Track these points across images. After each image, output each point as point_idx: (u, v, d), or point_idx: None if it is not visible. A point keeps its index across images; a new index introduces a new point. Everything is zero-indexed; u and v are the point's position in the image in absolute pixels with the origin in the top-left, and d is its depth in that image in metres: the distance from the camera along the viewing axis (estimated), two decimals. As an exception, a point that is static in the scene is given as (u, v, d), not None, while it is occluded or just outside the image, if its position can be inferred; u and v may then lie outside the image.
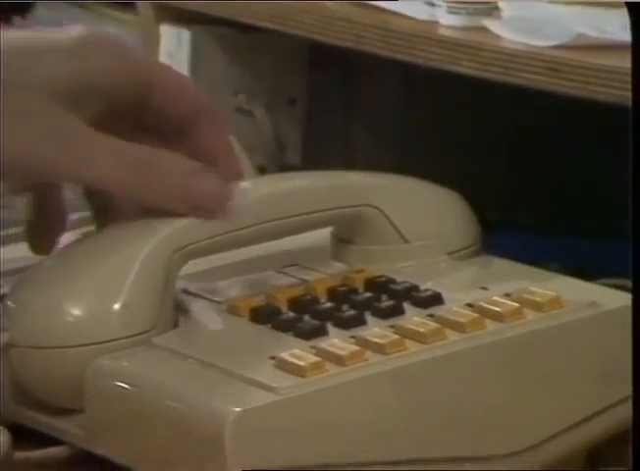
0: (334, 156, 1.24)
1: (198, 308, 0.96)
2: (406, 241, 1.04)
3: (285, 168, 1.18)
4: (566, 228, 1.38)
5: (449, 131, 1.30)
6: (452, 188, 1.06)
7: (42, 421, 0.93)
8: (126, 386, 0.88)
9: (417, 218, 1.06)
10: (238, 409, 0.83)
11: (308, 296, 0.94)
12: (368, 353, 0.86)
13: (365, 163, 1.23)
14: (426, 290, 0.95)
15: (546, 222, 1.40)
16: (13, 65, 1.01)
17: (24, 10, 1.46)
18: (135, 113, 1.03)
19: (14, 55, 1.01)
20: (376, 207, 1.04)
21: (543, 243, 1.37)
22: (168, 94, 1.03)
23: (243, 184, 1.01)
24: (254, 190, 1.04)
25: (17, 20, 1.47)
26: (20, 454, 0.91)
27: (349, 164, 1.23)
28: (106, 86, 1.02)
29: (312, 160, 1.20)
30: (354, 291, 0.94)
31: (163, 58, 1.15)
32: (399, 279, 0.97)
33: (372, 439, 0.87)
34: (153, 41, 1.15)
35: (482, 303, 0.94)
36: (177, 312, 0.95)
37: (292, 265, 1.01)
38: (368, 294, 0.94)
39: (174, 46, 1.14)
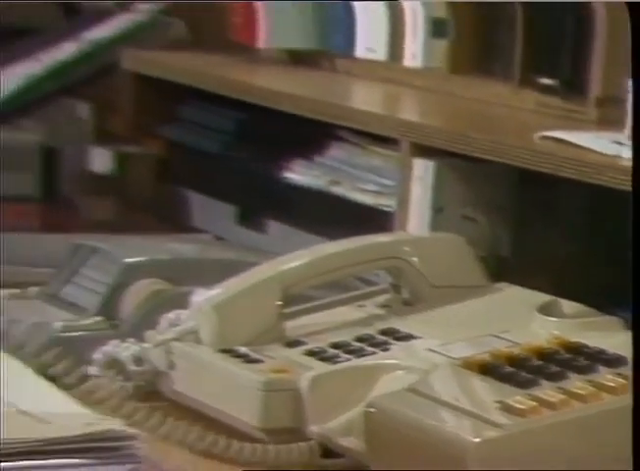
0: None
1: (442, 364, 0.91)
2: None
3: (499, 258, 1.15)
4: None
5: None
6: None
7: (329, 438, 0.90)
8: (399, 423, 0.85)
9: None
10: (476, 440, 0.81)
11: (521, 356, 0.90)
12: (573, 402, 0.83)
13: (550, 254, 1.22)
14: (612, 354, 0.90)
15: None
16: None
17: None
18: None
19: None
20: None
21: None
22: None
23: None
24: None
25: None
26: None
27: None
28: None
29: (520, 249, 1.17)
30: (556, 352, 0.90)
31: (414, 182, 1.13)
32: (590, 343, 0.92)
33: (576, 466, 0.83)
34: (407, 170, 1.14)
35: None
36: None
37: (504, 331, 0.96)
38: (567, 355, 0.90)
39: (422, 174, 1.13)
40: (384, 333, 0.96)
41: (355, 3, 1.35)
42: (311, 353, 0.94)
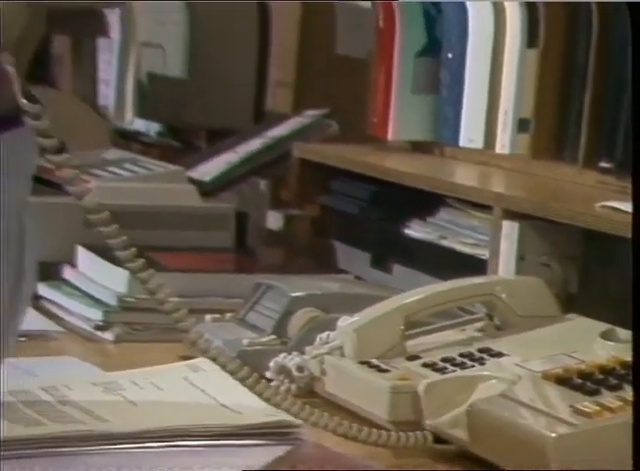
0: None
1: (526, 376, 0.88)
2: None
3: (569, 295, 1.11)
4: None
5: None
6: None
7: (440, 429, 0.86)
8: (493, 420, 0.83)
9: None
10: (553, 435, 0.78)
11: (587, 370, 0.86)
12: (627, 407, 0.79)
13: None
14: None
15: None
16: None
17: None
18: None
19: None
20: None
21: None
22: None
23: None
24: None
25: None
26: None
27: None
28: None
29: (585, 288, 1.14)
30: (614, 369, 0.86)
31: (503, 238, 1.12)
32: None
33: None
34: (498, 229, 1.12)
35: None
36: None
37: (574, 351, 0.91)
38: (623, 371, 0.86)
39: (509, 232, 1.11)
40: (481, 351, 0.94)
41: (465, 101, 1.33)
42: (426, 365, 0.93)
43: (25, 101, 0.75)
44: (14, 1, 0.72)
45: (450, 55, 1.34)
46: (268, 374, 0.96)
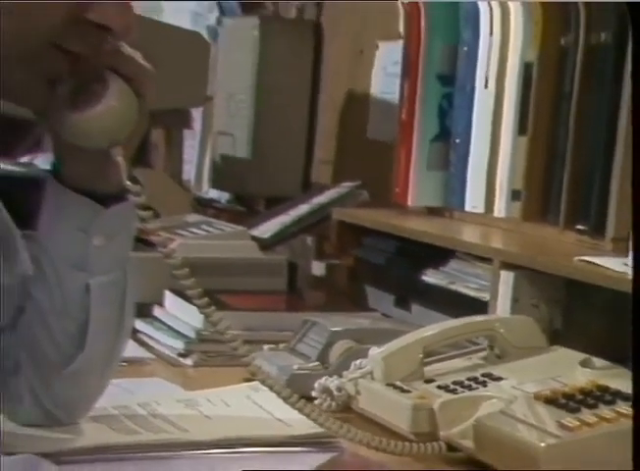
0: None
1: (521, 396, 0.86)
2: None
3: (554, 331, 1.07)
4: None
5: None
6: None
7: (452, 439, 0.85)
8: (495, 432, 0.81)
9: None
10: (542, 444, 0.77)
11: (570, 392, 0.84)
12: (602, 423, 0.78)
13: None
14: (625, 392, 0.83)
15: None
16: None
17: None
18: None
19: None
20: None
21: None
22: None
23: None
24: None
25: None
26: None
27: None
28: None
29: (567, 326, 1.10)
30: (591, 391, 0.84)
31: (500, 284, 1.09)
32: (611, 386, 0.85)
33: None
34: (497, 277, 1.10)
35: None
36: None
37: (558, 376, 0.89)
38: (598, 393, 0.84)
39: (506, 279, 1.09)
40: (484, 375, 0.92)
41: (469, 176, 1.32)
42: (440, 387, 0.91)
43: (129, 183, 0.76)
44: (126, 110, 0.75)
45: (457, 140, 1.33)
46: (313, 393, 0.95)
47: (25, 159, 1.52)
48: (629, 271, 0.98)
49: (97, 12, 0.68)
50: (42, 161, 1.43)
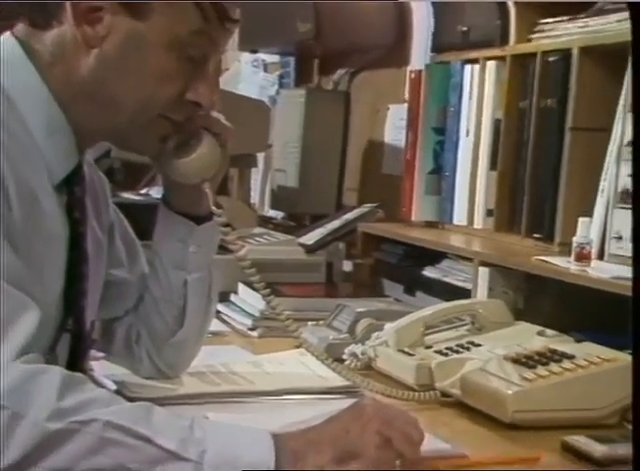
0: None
1: (494, 358, 0.84)
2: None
3: (518, 310, 1.04)
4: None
5: None
6: None
7: (445, 389, 0.84)
8: (475, 384, 0.80)
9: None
10: (510, 392, 0.76)
11: (529, 354, 0.83)
12: (553, 375, 0.77)
13: None
14: (569, 353, 0.82)
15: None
16: None
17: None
18: None
19: None
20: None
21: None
22: None
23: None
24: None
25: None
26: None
27: None
28: None
29: (528, 306, 1.07)
30: (544, 353, 0.83)
31: (479, 277, 1.07)
32: (558, 349, 0.83)
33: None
34: (477, 272, 1.08)
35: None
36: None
37: (522, 343, 0.87)
38: (550, 354, 0.83)
39: (482, 274, 1.07)
40: (468, 343, 0.91)
41: (456, 199, 1.29)
42: (436, 352, 0.90)
43: (214, 208, 0.78)
44: (213, 157, 0.75)
45: (447, 173, 1.33)
46: (344, 356, 0.94)
47: (144, 191, 1.54)
48: (572, 267, 0.98)
49: (193, 93, 0.69)
50: (155, 192, 1.44)
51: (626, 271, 0.87)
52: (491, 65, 1.22)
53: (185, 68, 0.66)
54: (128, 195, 1.36)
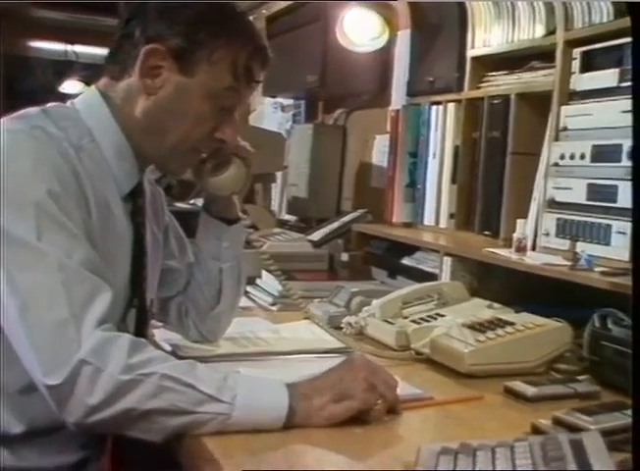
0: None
1: (455, 325, 0.82)
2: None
3: (473, 288, 1.03)
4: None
5: None
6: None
7: (419, 349, 0.83)
8: (441, 345, 0.79)
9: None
10: (466, 350, 0.75)
11: (481, 322, 0.82)
12: (498, 338, 0.76)
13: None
14: (511, 321, 0.81)
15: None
16: None
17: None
18: None
19: None
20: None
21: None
22: None
23: None
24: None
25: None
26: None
27: None
28: None
29: (481, 286, 1.06)
30: (492, 321, 0.82)
31: (444, 264, 1.07)
32: (503, 318, 0.82)
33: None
34: (442, 261, 1.08)
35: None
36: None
37: (475, 313, 0.86)
38: (497, 322, 0.82)
39: (447, 262, 1.07)
40: (436, 314, 0.91)
41: (426, 205, 1.29)
42: (412, 321, 0.90)
43: (241, 213, 0.79)
44: (240, 175, 0.76)
45: (419, 186, 1.32)
46: (342, 325, 0.93)
47: (192, 201, 1.53)
48: (513, 256, 0.97)
49: (221, 133, 0.70)
50: (200, 202, 1.43)
51: (553, 259, 0.88)
52: (451, 106, 1.24)
53: (217, 114, 0.69)
54: (180, 205, 1.38)
